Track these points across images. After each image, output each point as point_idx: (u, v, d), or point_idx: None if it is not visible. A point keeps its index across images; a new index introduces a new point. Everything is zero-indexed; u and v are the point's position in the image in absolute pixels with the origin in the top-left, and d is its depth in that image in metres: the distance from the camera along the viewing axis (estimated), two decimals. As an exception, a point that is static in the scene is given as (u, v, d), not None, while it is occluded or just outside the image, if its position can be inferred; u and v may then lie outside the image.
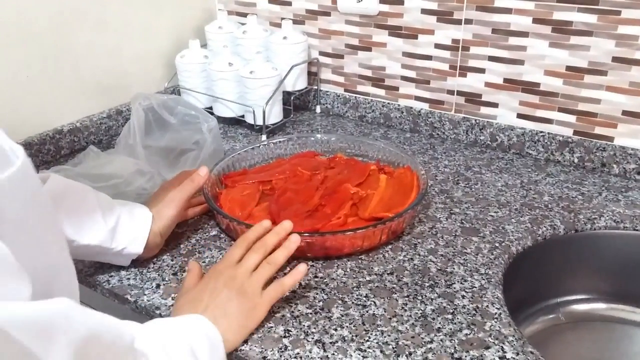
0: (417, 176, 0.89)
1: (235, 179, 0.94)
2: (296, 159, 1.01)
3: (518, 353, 0.61)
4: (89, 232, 0.69)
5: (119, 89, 1.18)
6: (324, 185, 0.91)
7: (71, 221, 0.68)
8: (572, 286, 0.91)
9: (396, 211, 0.80)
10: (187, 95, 1.22)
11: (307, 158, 1.02)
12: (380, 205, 0.84)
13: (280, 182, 0.93)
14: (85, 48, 1.08)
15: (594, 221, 0.87)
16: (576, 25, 0.96)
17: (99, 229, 0.70)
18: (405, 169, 0.93)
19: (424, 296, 0.70)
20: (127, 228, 0.73)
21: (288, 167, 0.97)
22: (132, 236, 0.73)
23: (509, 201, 0.91)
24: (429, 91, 1.15)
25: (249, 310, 0.63)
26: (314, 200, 0.86)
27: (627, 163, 0.99)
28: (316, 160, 1.01)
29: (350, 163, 0.99)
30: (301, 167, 0.96)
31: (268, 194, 0.91)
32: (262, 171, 0.98)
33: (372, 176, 0.94)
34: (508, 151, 1.09)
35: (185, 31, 1.29)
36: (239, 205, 0.86)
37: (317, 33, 1.24)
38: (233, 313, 0.62)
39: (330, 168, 0.98)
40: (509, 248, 0.80)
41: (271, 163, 1.02)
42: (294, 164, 0.98)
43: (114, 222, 0.71)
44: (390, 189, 0.89)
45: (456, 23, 1.07)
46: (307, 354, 0.61)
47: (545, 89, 1.03)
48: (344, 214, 0.82)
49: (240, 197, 0.89)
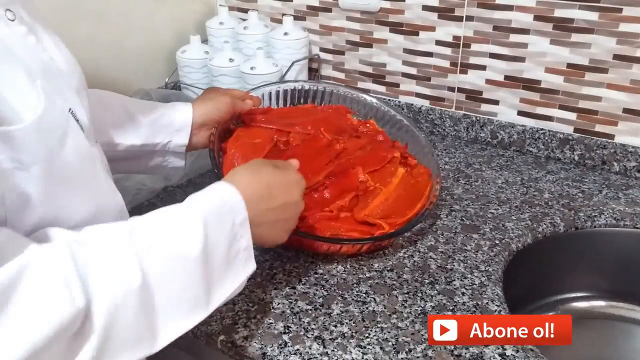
0: (432, 186, 0.83)
1: (255, 118, 0.86)
2: (326, 111, 0.94)
3: (518, 350, 0.61)
4: (131, 131, 0.71)
5: (120, 84, 1.17)
6: (337, 160, 0.84)
7: (113, 125, 0.70)
8: (572, 284, 0.91)
9: (393, 221, 0.76)
10: (187, 91, 1.22)
11: (338, 114, 0.93)
12: (381, 207, 0.79)
13: (297, 139, 0.86)
14: (85, 42, 1.08)
15: (594, 219, 0.87)
16: (577, 23, 0.96)
17: (139, 125, 0.72)
18: (426, 171, 0.86)
19: (424, 293, 0.70)
20: (167, 119, 0.74)
21: (312, 122, 0.89)
22: (175, 127, 0.75)
23: (509, 198, 0.91)
24: (430, 88, 1.15)
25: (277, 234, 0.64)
26: (318, 177, 0.79)
27: (627, 161, 0.99)
28: (345, 120, 0.93)
29: (377, 137, 0.91)
30: (325, 128, 0.89)
31: (279, 148, 0.84)
32: (287, 116, 0.89)
33: (390, 164, 0.85)
34: (508, 148, 1.09)
35: (186, 26, 1.28)
36: (243, 156, 0.79)
37: (318, 29, 1.24)
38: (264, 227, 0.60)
39: (355, 136, 0.90)
40: (509, 245, 0.80)
41: (300, 107, 0.94)
42: (321, 119, 0.90)
43: (153, 115, 0.73)
44: (400, 189, 0.82)
45: (457, 20, 1.06)
46: (306, 350, 0.61)
47: (546, 87, 1.03)
48: (339, 207, 0.77)
49: (250, 144, 0.81)
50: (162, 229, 0.51)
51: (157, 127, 0.74)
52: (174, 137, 0.75)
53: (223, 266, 0.54)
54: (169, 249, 0.50)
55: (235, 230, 0.55)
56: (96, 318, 0.43)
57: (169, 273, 0.49)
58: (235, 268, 0.56)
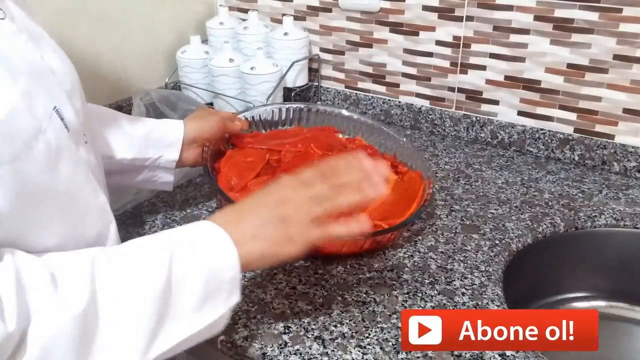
0: (424, 187, 0.83)
1: (245, 140, 0.88)
2: (314, 131, 0.95)
3: (518, 351, 0.61)
4: (122, 144, 0.70)
5: (120, 84, 1.17)
6: None
7: (104, 138, 0.69)
8: (572, 284, 0.91)
9: (392, 222, 0.76)
10: (187, 91, 1.22)
11: (326, 133, 0.95)
12: (379, 210, 0.78)
13: (288, 156, 0.88)
14: (86, 43, 1.08)
15: (594, 219, 0.87)
16: (577, 23, 0.96)
17: (131, 139, 0.71)
18: (417, 174, 0.87)
19: (424, 293, 0.70)
20: (158, 134, 0.74)
21: (302, 140, 0.91)
22: (166, 142, 0.75)
23: (509, 198, 0.91)
24: (430, 88, 1.15)
25: (283, 241, 0.55)
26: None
27: (627, 161, 0.99)
28: (334, 138, 0.95)
29: (368, 150, 0.93)
30: (315, 145, 0.90)
31: (273, 166, 0.86)
32: (276, 137, 0.91)
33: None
34: (508, 148, 1.09)
35: (186, 27, 1.28)
36: (237, 174, 0.80)
37: (318, 29, 1.24)
38: (263, 238, 0.54)
39: (345, 152, 0.90)
40: (509, 245, 0.80)
41: (288, 130, 0.96)
42: (310, 137, 0.92)
43: (144, 130, 0.73)
44: (395, 194, 0.83)
45: (457, 20, 1.06)
46: (306, 350, 0.61)
47: (546, 87, 1.03)
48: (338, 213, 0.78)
49: (243, 163, 0.83)
50: (126, 259, 0.48)
51: (148, 142, 0.73)
52: (165, 152, 0.75)
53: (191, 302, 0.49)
54: (127, 281, 0.47)
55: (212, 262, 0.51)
56: (31, 344, 0.40)
57: (121, 306, 0.46)
58: (210, 304, 0.51)
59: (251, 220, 0.54)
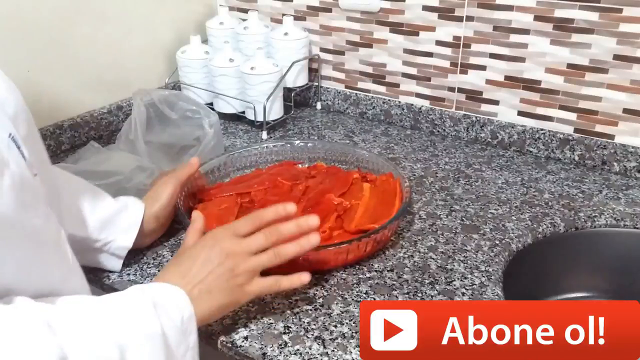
0: (400, 183, 0.85)
1: (211, 193, 0.88)
2: (275, 169, 0.96)
3: None
4: (76, 220, 0.67)
5: (120, 84, 1.17)
6: (306, 196, 0.86)
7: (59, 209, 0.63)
8: (572, 284, 0.91)
9: (383, 222, 0.76)
10: (187, 91, 1.22)
11: (286, 167, 0.96)
12: (366, 216, 0.80)
13: (259, 194, 0.88)
14: (86, 43, 1.08)
15: (594, 219, 0.87)
16: (577, 23, 0.96)
17: (86, 216, 0.68)
18: (388, 175, 0.89)
19: (424, 293, 0.70)
20: (117, 219, 0.71)
21: (267, 178, 0.92)
22: (123, 227, 0.71)
23: (510, 199, 0.91)
24: (430, 88, 1.15)
25: (233, 293, 0.60)
26: (296, 213, 0.80)
27: (627, 161, 0.99)
28: (296, 169, 0.96)
29: (332, 171, 0.94)
30: (281, 177, 0.91)
31: (247, 207, 0.85)
32: (239, 182, 0.92)
33: (355, 185, 0.89)
34: (508, 149, 1.09)
35: (186, 27, 1.28)
36: (217, 219, 0.79)
37: (318, 29, 1.24)
38: (216, 293, 0.59)
39: (311, 177, 0.93)
40: (509, 245, 0.80)
41: (248, 174, 0.96)
42: (273, 174, 0.93)
43: (104, 213, 0.70)
44: (374, 199, 0.84)
45: (457, 20, 1.06)
46: (306, 350, 0.61)
47: (546, 87, 1.03)
48: (329, 227, 0.77)
49: (218, 211, 0.83)
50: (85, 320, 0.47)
51: (104, 224, 0.70)
52: (118, 237, 0.71)
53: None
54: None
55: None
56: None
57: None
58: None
59: (202, 277, 0.59)
